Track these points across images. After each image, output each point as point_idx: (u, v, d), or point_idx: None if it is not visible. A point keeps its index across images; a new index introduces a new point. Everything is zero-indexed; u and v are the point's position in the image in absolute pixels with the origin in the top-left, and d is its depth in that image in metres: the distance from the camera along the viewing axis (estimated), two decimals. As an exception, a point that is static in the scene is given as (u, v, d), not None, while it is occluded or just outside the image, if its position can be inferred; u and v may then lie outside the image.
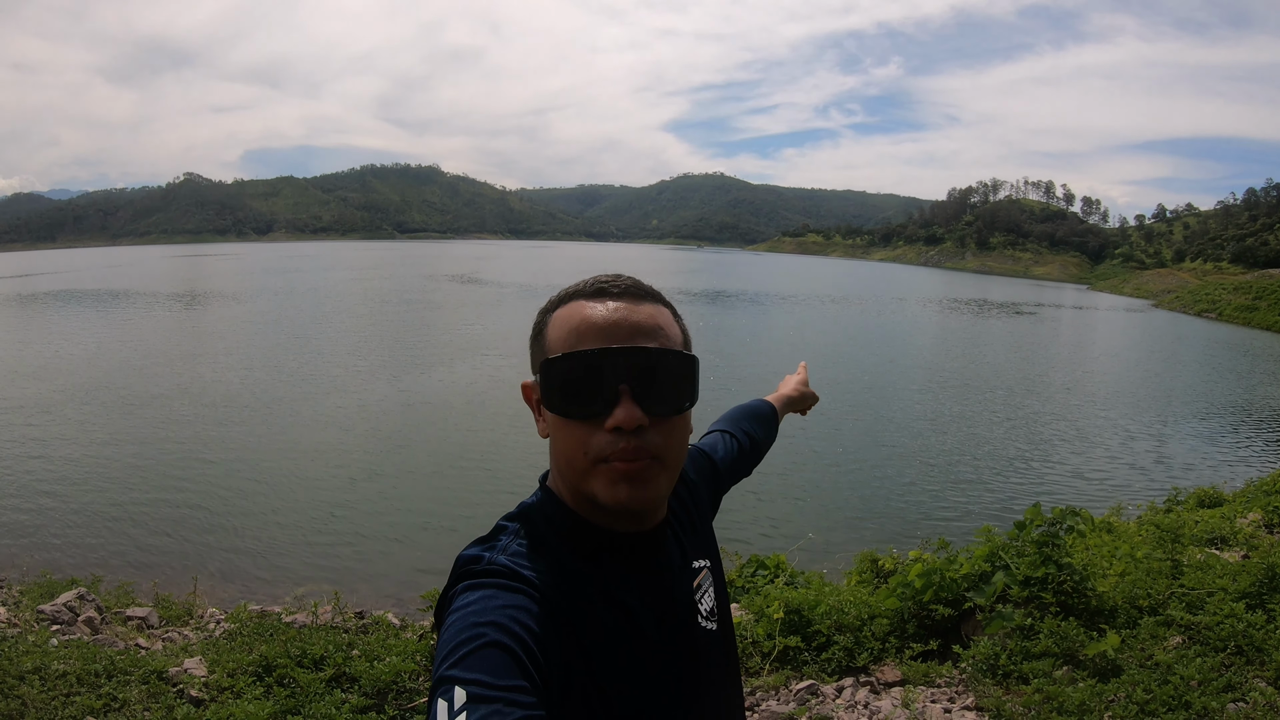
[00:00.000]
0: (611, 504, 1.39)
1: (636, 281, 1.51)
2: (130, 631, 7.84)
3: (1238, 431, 25.98)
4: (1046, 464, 19.65)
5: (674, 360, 1.42)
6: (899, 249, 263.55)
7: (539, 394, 1.46)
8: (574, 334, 1.42)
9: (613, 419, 1.35)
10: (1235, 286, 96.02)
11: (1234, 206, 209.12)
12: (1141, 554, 7.54)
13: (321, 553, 13.01)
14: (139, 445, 18.64)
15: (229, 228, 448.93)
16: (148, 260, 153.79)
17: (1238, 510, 11.48)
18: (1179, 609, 6.15)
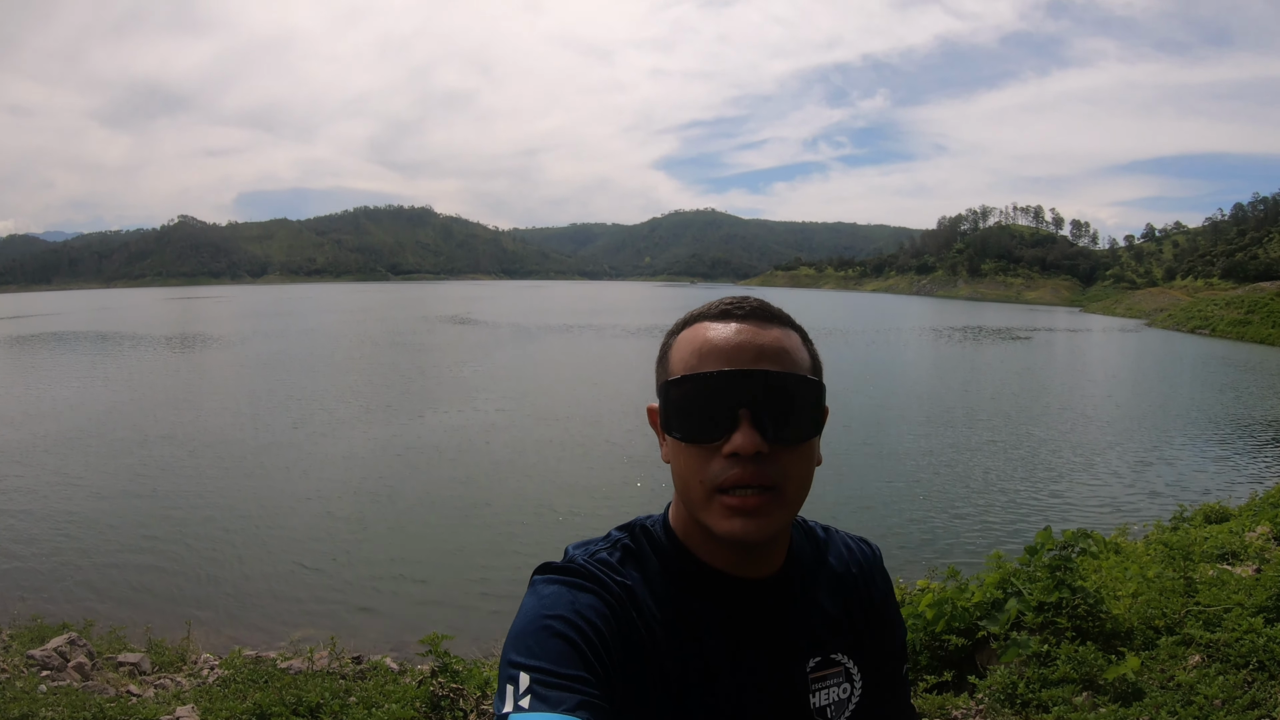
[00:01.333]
0: (726, 536, 1.33)
1: (764, 303, 1.44)
2: (122, 678, 7.67)
3: (1238, 446, 25.91)
4: (1049, 488, 19.54)
5: (797, 385, 1.36)
6: (891, 279, 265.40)
7: (660, 417, 1.40)
8: (695, 355, 1.37)
9: (730, 444, 1.29)
10: (1227, 302, 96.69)
11: (1222, 223, 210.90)
12: (1153, 573, 7.42)
13: (317, 597, 12.84)
14: (132, 489, 18.48)
15: (223, 270, 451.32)
16: (141, 303, 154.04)
17: (1245, 524, 11.37)
18: (1196, 627, 6.03)
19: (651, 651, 1.34)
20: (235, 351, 54.43)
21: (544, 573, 1.38)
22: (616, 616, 1.32)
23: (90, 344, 58.99)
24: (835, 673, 1.51)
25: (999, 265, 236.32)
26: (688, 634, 1.39)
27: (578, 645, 1.22)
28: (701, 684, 1.37)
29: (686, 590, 1.42)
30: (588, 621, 1.27)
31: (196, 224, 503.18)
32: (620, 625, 1.31)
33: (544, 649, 1.20)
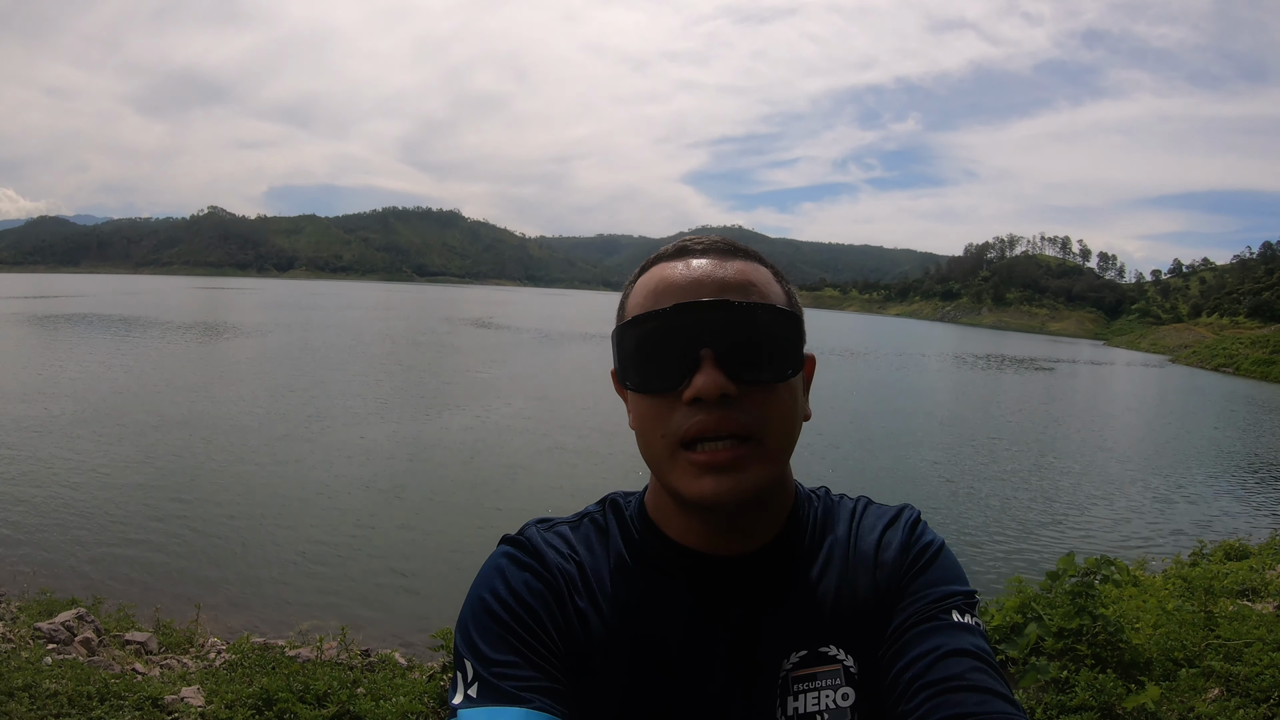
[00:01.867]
0: (696, 499, 1.16)
1: (726, 239, 1.28)
2: (128, 656, 7.65)
3: (1260, 486, 25.62)
4: (1068, 519, 19.36)
5: (768, 316, 1.18)
6: (915, 304, 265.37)
7: (616, 369, 1.27)
8: (651, 296, 1.21)
9: (692, 387, 1.13)
10: (1252, 341, 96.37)
11: (1250, 260, 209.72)
12: (1172, 606, 7.35)
13: (328, 589, 12.78)
14: (148, 471, 18.50)
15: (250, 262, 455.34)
16: (167, 290, 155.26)
17: (1265, 562, 11.30)
18: (1217, 660, 5.96)
19: (598, 636, 1.25)
20: (257, 342, 54.69)
21: (501, 544, 1.33)
22: (554, 595, 1.25)
23: (114, 328, 59.36)
24: (828, 671, 1.26)
25: (1024, 295, 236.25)
26: (646, 618, 1.26)
27: (512, 628, 1.19)
28: (654, 675, 1.24)
29: (651, 569, 1.30)
30: (520, 600, 1.22)
31: (226, 215, 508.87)
32: (557, 605, 1.24)
33: (484, 633, 1.19)
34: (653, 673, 1.23)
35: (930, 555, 1.28)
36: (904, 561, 1.28)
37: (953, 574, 1.27)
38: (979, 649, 1.15)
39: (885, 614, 1.24)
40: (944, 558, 1.29)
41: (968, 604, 1.23)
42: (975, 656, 1.14)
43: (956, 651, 1.14)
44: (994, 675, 1.13)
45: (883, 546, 1.30)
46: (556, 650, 1.20)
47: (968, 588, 1.26)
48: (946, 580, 1.25)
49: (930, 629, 1.18)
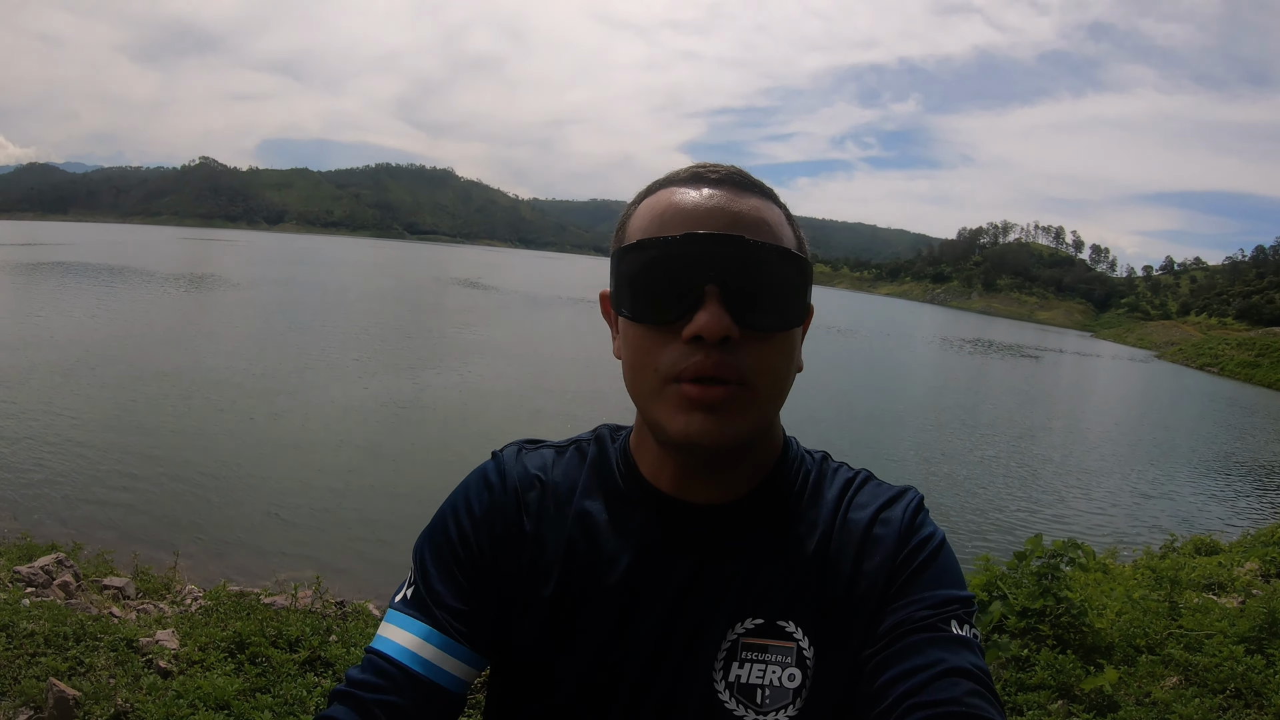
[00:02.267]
0: (679, 436, 1.11)
1: (741, 170, 1.20)
2: (105, 600, 7.70)
3: (1235, 485, 25.89)
4: (1044, 507, 19.49)
5: (780, 260, 1.12)
6: (905, 284, 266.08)
7: (612, 294, 1.21)
8: (657, 221, 1.15)
9: (693, 325, 1.07)
10: (1238, 343, 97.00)
11: (1242, 263, 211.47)
12: (1139, 595, 7.46)
13: (307, 542, 12.83)
14: (129, 421, 18.44)
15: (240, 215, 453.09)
16: (155, 241, 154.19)
17: (1235, 559, 11.46)
18: (1177, 649, 6.08)
19: (545, 561, 1.25)
20: (244, 295, 54.47)
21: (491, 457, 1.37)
22: (504, 518, 1.28)
23: (99, 277, 58.87)
24: (780, 647, 1.18)
25: (1015, 282, 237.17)
26: (599, 549, 1.25)
27: (454, 548, 1.25)
28: (594, 607, 1.23)
29: (619, 501, 1.28)
30: (472, 520, 1.27)
31: (217, 166, 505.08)
32: (503, 528, 1.27)
33: (433, 548, 1.26)
34: (593, 605, 1.23)
35: (930, 551, 1.20)
36: (899, 553, 1.19)
37: (953, 576, 1.20)
38: (978, 669, 1.08)
39: (865, 605, 1.17)
40: (944, 556, 1.21)
41: (967, 613, 1.15)
42: (974, 679, 1.07)
43: (956, 671, 1.06)
44: (992, 702, 1.05)
45: (875, 528, 1.22)
46: (491, 573, 1.25)
47: (967, 593, 1.18)
48: (947, 583, 1.18)
49: (928, 640, 1.10)
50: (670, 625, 1.20)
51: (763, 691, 1.16)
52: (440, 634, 1.19)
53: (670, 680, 1.19)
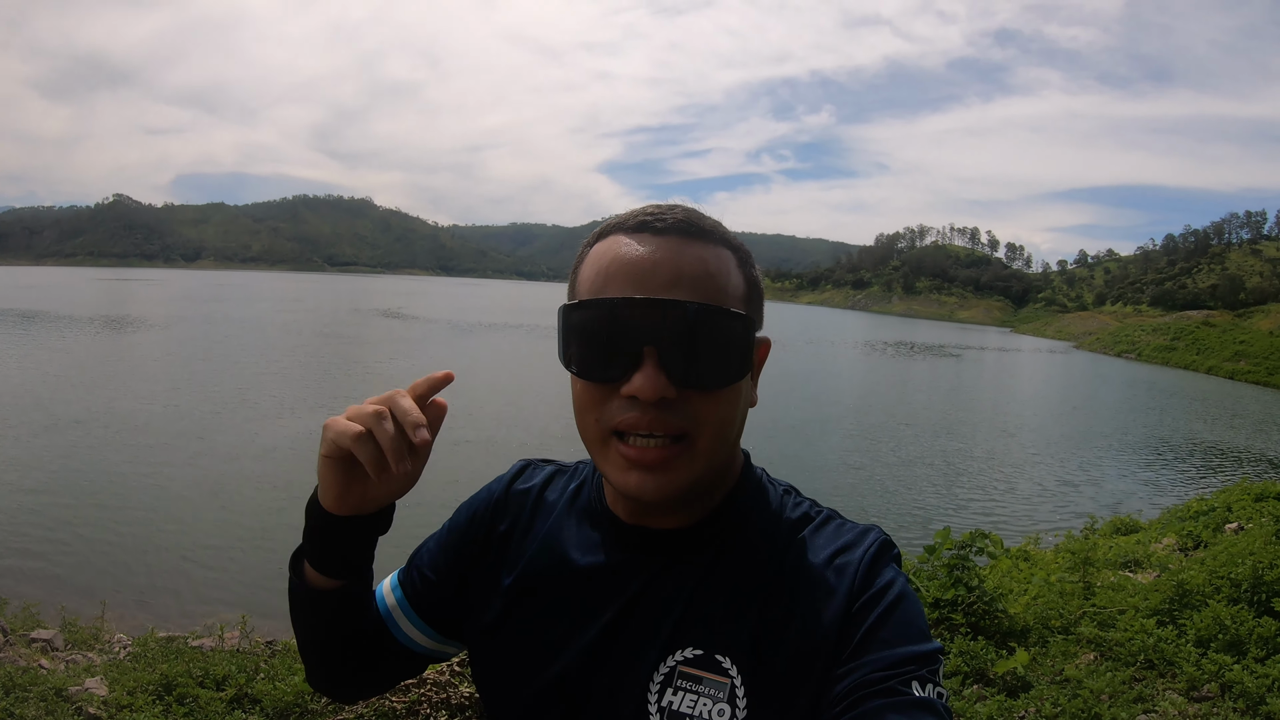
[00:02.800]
0: (622, 489, 1.17)
1: (691, 214, 1.21)
2: (34, 653, 7.61)
3: (1157, 465, 26.72)
4: (967, 501, 19.81)
5: (719, 319, 1.14)
6: (827, 292, 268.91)
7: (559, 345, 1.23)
8: (601, 276, 1.17)
9: (630, 385, 1.11)
10: (1154, 328, 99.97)
11: (1153, 252, 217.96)
12: (1055, 578, 7.68)
13: (233, 584, 12.68)
14: (46, 470, 18.07)
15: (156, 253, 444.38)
16: (71, 283, 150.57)
17: (1153, 536, 11.80)
18: (1090, 627, 6.26)
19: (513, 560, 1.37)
20: (159, 336, 53.35)
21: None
22: (493, 517, 1.43)
23: (11, 322, 57.50)
24: (715, 681, 1.17)
25: (934, 283, 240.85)
26: (558, 560, 1.33)
27: (451, 530, 1.47)
28: (545, 611, 1.31)
29: (584, 522, 1.35)
30: (469, 513, 1.46)
31: (132, 204, 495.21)
32: (489, 525, 1.42)
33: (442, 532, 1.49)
34: (544, 608, 1.30)
35: (889, 602, 1.14)
36: (852, 604, 1.15)
37: (914, 630, 1.13)
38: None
39: (815, 659, 1.14)
40: (905, 607, 1.15)
41: (930, 672, 1.09)
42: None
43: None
44: None
45: (828, 573, 1.19)
46: (463, 558, 1.42)
47: (931, 646, 1.12)
48: (906, 638, 1.11)
49: (887, 706, 1.04)
50: (609, 640, 1.23)
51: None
52: (402, 588, 1.46)
53: (605, 695, 1.21)
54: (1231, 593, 6.51)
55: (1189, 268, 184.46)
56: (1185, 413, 42.21)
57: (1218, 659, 5.50)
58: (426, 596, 1.41)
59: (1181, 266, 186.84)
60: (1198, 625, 6.04)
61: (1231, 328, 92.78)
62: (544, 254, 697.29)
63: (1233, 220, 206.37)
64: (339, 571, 1.33)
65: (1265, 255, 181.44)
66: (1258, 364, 73.79)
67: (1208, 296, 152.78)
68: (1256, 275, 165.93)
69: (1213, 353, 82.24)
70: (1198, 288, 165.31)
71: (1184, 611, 6.41)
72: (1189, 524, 11.74)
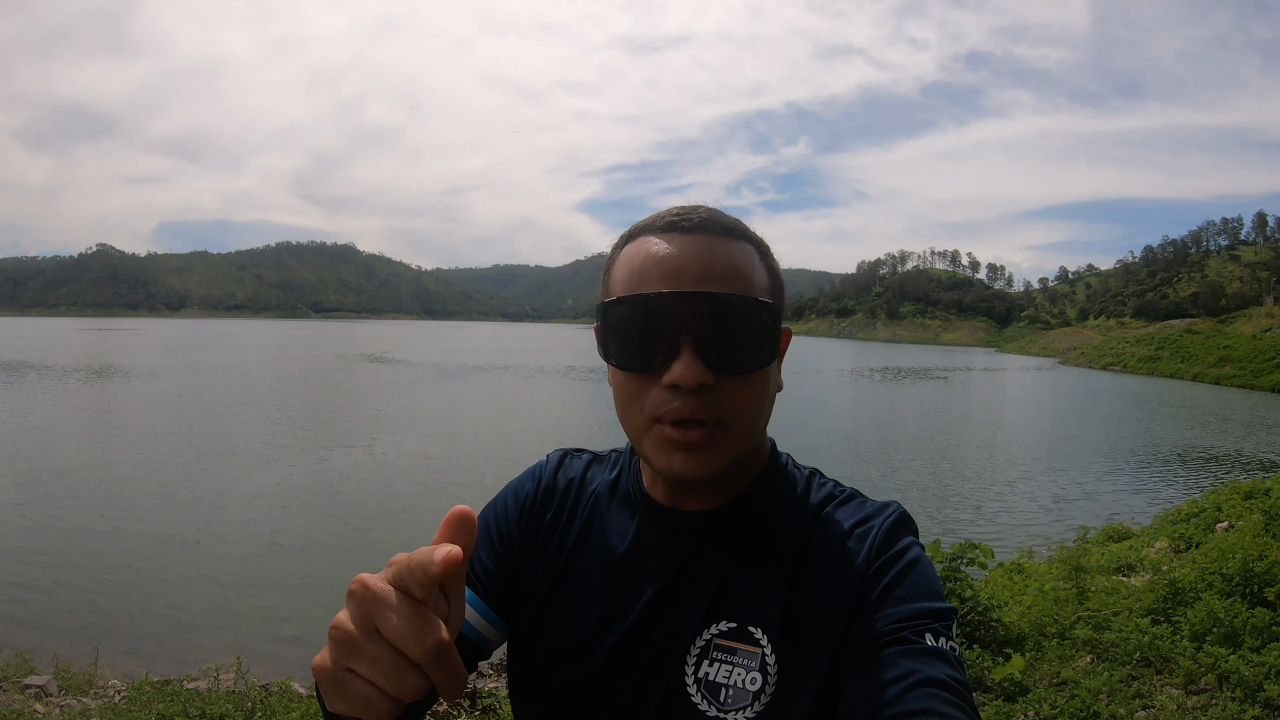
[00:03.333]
0: (665, 471, 1.25)
1: (715, 213, 1.30)
2: (27, 699, 7.58)
3: (1147, 474, 26.78)
4: (959, 518, 19.82)
5: (748, 308, 1.23)
6: (811, 322, 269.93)
7: (599, 341, 1.32)
8: (636, 274, 1.25)
9: (670, 374, 1.19)
10: (1138, 339, 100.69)
11: (1133, 264, 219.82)
12: (1049, 586, 7.71)
13: (228, 630, 12.59)
14: (39, 518, 18.01)
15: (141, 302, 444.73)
16: (55, 333, 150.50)
17: (1145, 541, 11.83)
18: (1085, 630, 6.28)
19: (555, 546, 1.44)
20: (146, 385, 53.18)
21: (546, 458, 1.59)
22: (534, 505, 1.49)
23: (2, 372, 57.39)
24: (747, 651, 1.25)
25: (917, 308, 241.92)
26: (599, 543, 1.41)
27: (500, 525, 1.48)
28: (587, 592, 1.37)
29: (623, 505, 1.43)
30: (511, 501, 1.51)
31: (115, 253, 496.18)
32: (532, 513, 1.48)
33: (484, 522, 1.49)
34: (587, 591, 1.37)
35: (904, 565, 1.23)
36: (869, 567, 1.24)
37: (927, 589, 1.21)
38: (953, 680, 1.09)
39: (835, 619, 1.21)
40: (919, 569, 1.23)
41: (943, 626, 1.16)
42: (949, 689, 1.08)
43: (929, 682, 1.08)
44: (968, 713, 1.06)
45: (848, 543, 1.28)
46: (516, 545, 1.46)
47: (944, 604, 1.20)
48: (920, 596, 1.19)
49: (900, 653, 1.12)
50: (649, 618, 1.31)
51: (726, 690, 1.23)
52: (469, 589, 1.39)
53: (645, 670, 1.28)
54: (1224, 587, 6.55)
55: (1169, 277, 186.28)
56: (1173, 420, 42.41)
57: (1213, 651, 5.52)
58: (490, 586, 1.43)
59: (1162, 277, 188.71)
60: (1192, 621, 6.07)
61: (1214, 334, 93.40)
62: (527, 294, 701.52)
63: (1210, 228, 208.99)
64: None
65: (1244, 260, 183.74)
66: (1242, 368, 74.34)
67: (1189, 305, 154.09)
68: (1236, 280, 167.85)
69: (1197, 360, 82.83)
70: (1179, 297, 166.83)
71: (1178, 609, 6.43)
72: (1180, 526, 11.78)
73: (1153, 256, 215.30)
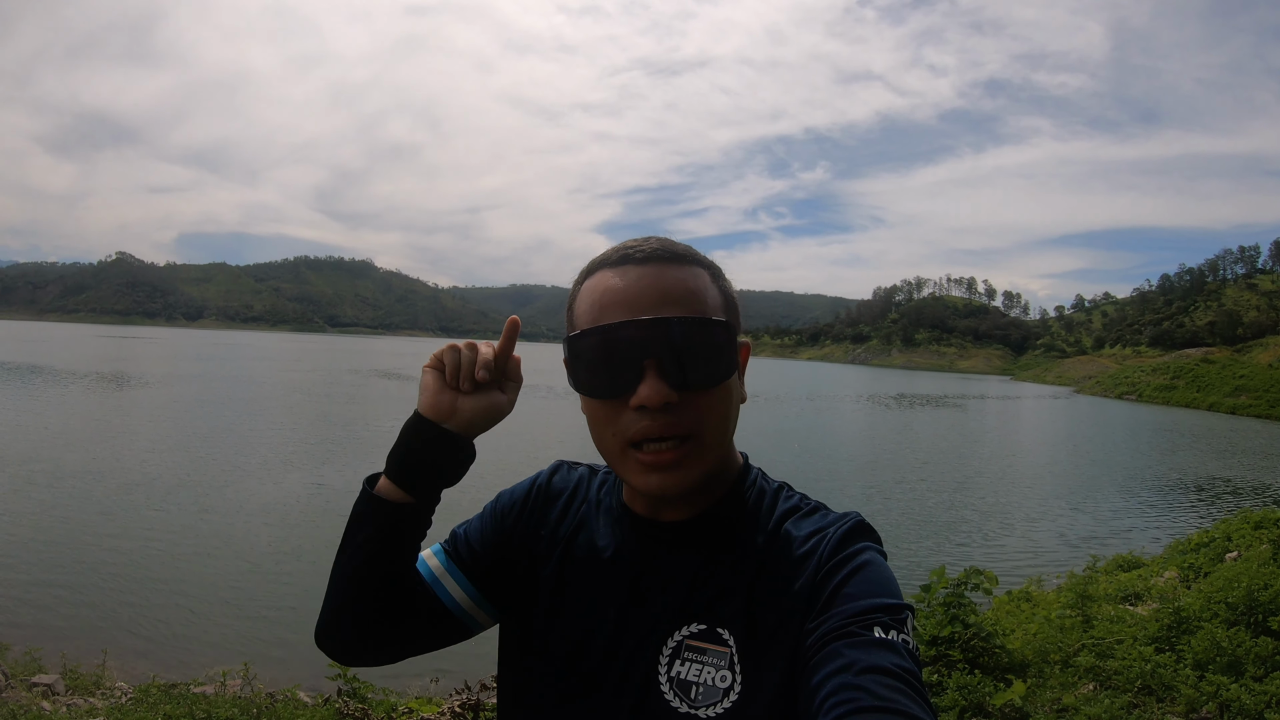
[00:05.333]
0: (644, 491, 1.33)
1: (665, 243, 1.38)
2: (34, 697, 7.63)
3: (1160, 504, 26.65)
4: (969, 545, 19.76)
5: (705, 329, 1.30)
6: (827, 347, 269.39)
7: (568, 372, 1.40)
8: (596, 307, 1.33)
9: (637, 396, 1.27)
10: (1154, 368, 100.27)
11: (1150, 293, 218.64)
12: (1055, 614, 7.70)
13: (236, 636, 12.63)
14: (52, 519, 18.06)
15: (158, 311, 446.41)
16: (74, 338, 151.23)
17: (1154, 571, 11.78)
18: (1088, 657, 6.27)
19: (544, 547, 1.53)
20: (162, 393, 53.38)
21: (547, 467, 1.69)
22: (530, 507, 1.59)
23: (17, 376, 57.61)
24: (716, 651, 1.31)
25: (933, 335, 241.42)
26: (582, 548, 1.50)
27: (498, 516, 1.60)
28: (568, 594, 1.47)
29: (606, 514, 1.52)
30: (510, 501, 1.61)
31: (135, 261, 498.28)
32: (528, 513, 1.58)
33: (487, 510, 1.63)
34: (570, 596, 1.46)
35: (854, 567, 1.26)
36: (820, 569, 1.28)
37: (879, 587, 1.24)
38: (900, 668, 1.11)
39: (790, 619, 1.27)
40: (870, 570, 1.26)
41: (894, 620, 1.18)
42: (895, 675, 1.10)
43: (873, 669, 1.11)
44: (914, 697, 1.08)
45: (803, 549, 1.32)
46: (510, 537, 1.56)
47: (897, 600, 1.22)
48: (870, 594, 1.22)
49: (846, 645, 1.15)
50: (626, 619, 1.39)
51: (697, 688, 1.30)
52: (446, 554, 1.57)
53: (620, 669, 1.36)
54: (1228, 616, 6.54)
55: (1186, 306, 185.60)
56: (1188, 450, 42.23)
57: (1216, 680, 5.50)
58: (470, 562, 1.55)
59: (1178, 305, 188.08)
60: (1195, 649, 6.06)
61: (1231, 363, 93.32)
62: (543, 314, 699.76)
63: (1227, 256, 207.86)
64: (413, 483, 1.43)
65: (1261, 289, 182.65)
66: (1259, 397, 74.06)
67: (1206, 333, 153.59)
68: (1253, 309, 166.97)
69: (1213, 389, 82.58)
70: (1195, 325, 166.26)
71: (1181, 637, 6.43)
72: (1190, 556, 11.74)
73: (1169, 285, 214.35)
